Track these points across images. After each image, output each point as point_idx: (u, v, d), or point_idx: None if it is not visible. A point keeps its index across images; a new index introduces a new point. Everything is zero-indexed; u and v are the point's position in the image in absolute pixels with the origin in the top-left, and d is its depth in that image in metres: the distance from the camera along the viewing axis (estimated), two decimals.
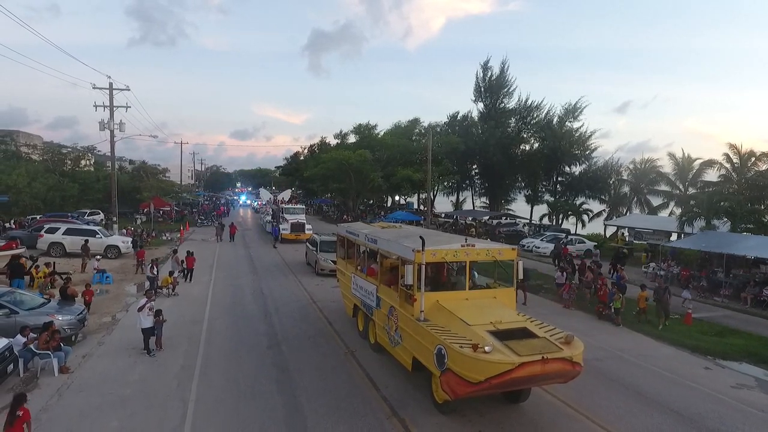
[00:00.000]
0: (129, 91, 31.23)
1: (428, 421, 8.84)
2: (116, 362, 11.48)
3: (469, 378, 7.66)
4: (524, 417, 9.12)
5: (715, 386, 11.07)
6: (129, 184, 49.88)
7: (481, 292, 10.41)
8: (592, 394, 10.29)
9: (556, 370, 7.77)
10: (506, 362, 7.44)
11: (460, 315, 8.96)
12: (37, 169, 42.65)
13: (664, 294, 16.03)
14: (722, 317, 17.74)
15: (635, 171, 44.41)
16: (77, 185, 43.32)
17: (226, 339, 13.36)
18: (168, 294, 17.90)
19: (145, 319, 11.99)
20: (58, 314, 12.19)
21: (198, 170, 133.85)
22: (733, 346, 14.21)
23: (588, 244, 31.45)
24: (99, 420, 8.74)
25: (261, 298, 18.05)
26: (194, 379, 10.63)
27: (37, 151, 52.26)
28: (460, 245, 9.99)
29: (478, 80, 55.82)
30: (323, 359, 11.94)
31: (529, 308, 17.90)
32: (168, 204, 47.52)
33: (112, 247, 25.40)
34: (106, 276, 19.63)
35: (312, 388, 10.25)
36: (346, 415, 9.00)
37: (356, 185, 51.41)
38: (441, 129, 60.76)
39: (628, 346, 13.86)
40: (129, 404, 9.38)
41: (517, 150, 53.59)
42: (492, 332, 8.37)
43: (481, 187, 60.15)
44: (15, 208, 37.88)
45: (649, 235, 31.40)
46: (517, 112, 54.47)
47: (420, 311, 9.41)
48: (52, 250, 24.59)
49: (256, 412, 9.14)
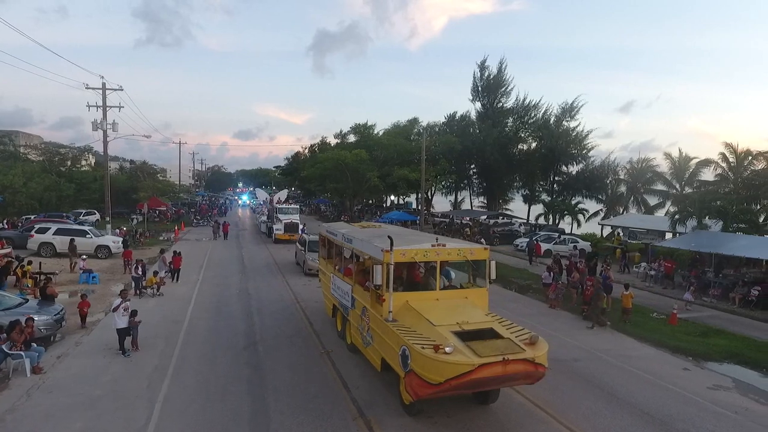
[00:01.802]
0: (122, 91, 31.32)
1: (394, 422, 8.78)
2: (91, 362, 11.45)
3: (429, 379, 7.60)
4: (492, 418, 9.05)
5: (691, 387, 10.97)
6: (126, 184, 49.99)
7: (452, 293, 10.34)
8: (565, 396, 10.21)
9: (519, 371, 7.70)
10: (466, 363, 7.38)
11: (427, 315, 8.89)
12: (34, 169, 42.77)
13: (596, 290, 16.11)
14: (708, 317, 17.60)
15: (632, 170, 44.27)
16: (74, 185, 43.43)
17: (204, 339, 13.33)
18: (153, 294, 17.90)
19: (120, 319, 11.95)
20: (35, 314, 12.16)
21: (199, 170, 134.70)
22: (716, 346, 14.10)
23: (582, 243, 31.27)
24: (64, 421, 8.70)
25: (246, 298, 18.03)
26: (166, 379, 10.59)
27: (35, 152, 52.38)
28: (431, 245, 9.91)
29: (475, 80, 55.69)
30: (298, 359, 11.90)
31: (515, 308, 17.85)
32: (164, 204, 47.58)
33: (102, 247, 25.42)
34: (93, 276, 19.65)
35: (282, 388, 10.20)
36: (311, 416, 8.95)
37: (353, 185, 51.33)
38: (439, 129, 60.71)
39: (610, 347, 13.76)
40: (98, 405, 9.34)
41: (514, 149, 53.46)
42: (457, 333, 8.31)
43: (479, 187, 60.04)
44: (11, 208, 38.00)
45: (643, 234, 31.22)
46: (515, 112, 54.34)
47: (388, 311, 9.35)
48: (42, 250, 24.64)
49: (223, 412, 9.10)
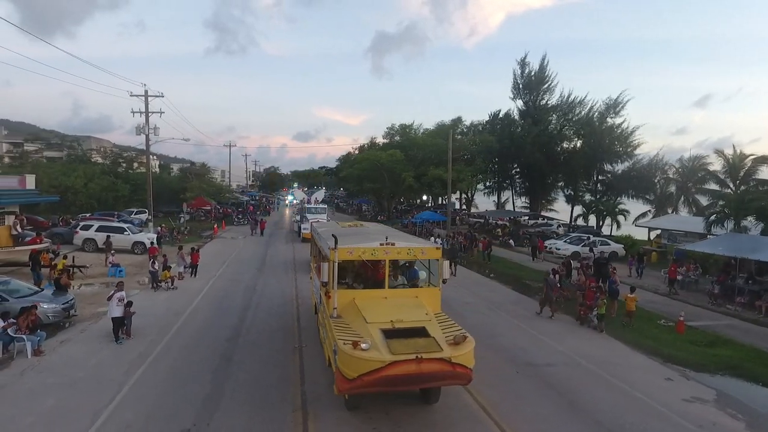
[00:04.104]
0: (163, 97, 33.54)
1: (331, 415, 9.04)
2: (86, 348, 12.54)
3: (346, 374, 7.80)
4: (429, 418, 9.07)
5: (664, 399, 10.38)
6: (177, 185, 53.24)
7: (403, 292, 10.42)
8: (518, 399, 10.03)
9: (434, 370, 7.71)
10: (377, 360, 7.51)
11: (365, 313, 9.07)
12: (94, 171, 46.55)
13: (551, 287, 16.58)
14: (725, 326, 16.37)
15: (682, 169, 41.61)
16: (128, 186, 46.81)
17: (194, 331, 14.16)
18: (167, 288, 19.13)
19: (114, 308, 12.98)
20: (43, 302, 13.47)
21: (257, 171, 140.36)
22: (717, 357, 13.18)
23: (614, 245, 29.83)
24: (41, 398, 9.67)
25: (250, 294, 18.85)
26: (143, 365, 11.42)
27: (99, 155, 56.92)
28: (379, 244, 10.04)
29: (515, 77, 54.30)
30: (271, 353, 12.40)
31: (512, 311, 17.51)
32: (209, 203, 50.19)
33: (138, 243, 27.37)
34: (120, 270, 21.25)
35: (243, 379, 10.73)
36: (256, 406, 9.39)
37: (390, 185, 51.71)
38: (482, 127, 59.77)
39: (597, 353, 13.22)
40: (75, 386, 10.27)
41: (557, 148, 51.69)
42: (385, 330, 8.43)
43: (522, 187, 58.49)
44: (73, 207, 41.61)
45: (682, 237, 29.31)
46: (559, 109, 52.51)
47: (333, 308, 9.61)
48: (85, 245, 26.91)
49: (180, 397, 9.74)
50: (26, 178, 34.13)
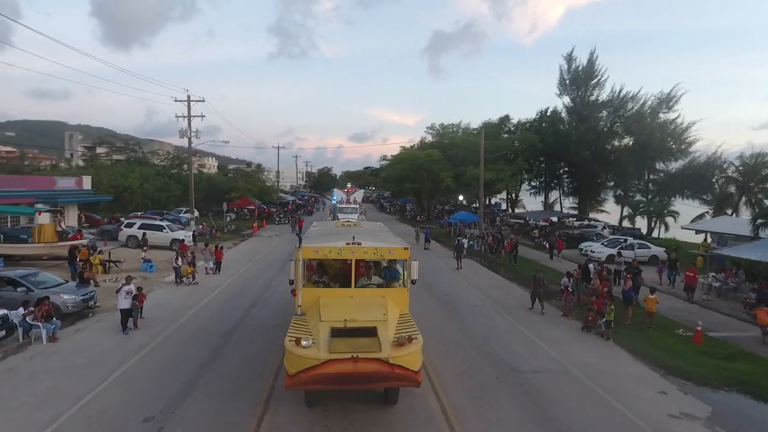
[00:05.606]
0: (204, 102, 35.36)
1: (288, 410, 9.26)
2: (95, 337, 13.55)
3: (287, 370, 7.96)
4: (385, 418, 9.06)
5: (648, 413, 9.73)
6: (226, 185, 55.78)
7: (369, 291, 10.43)
8: (486, 405, 9.78)
9: (371, 370, 7.70)
10: (312, 358, 7.62)
11: (323, 311, 9.20)
12: (149, 172, 49.70)
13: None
14: (751, 338, 14.98)
15: (743, 167, 38.39)
16: (180, 186, 49.60)
17: (197, 325, 14.88)
18: (188, 283, 20.17)
19: (122, 300, 13.92)
20: (63, 293, 14.66)
21: (310, 172, 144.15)
22: (729, 371, 12.15)
23: (654, 249, 28.02)
24: (40, 380, 10.56)
25: (262, 291, 19.49)
26: (138, 355, 12.18)
27: (157, 157, 60.70)
28: (345, 243, 10.13)
29: (562, 73, 52.31)
30: (258, 349, 12.81)
31: (518, 314, 16.98)
32: (253, 203, 52.18)
33: (176, 240, 28.95)
34: (151, 265, 22.65)
35: (222, 371, 11.19)
36: (224, 398, 9.78)
37: (429, 185, 51.43)
38: (530, 126, 58.06)
39: (593, 361, 12.58)
40: (73, 371, 11.14)
41: (607, 146, 49.22)
42: (336, 329, 8.52)
43: (569, 187, 56.23)
44: (129, 206, 44.68)
45: (732, 240, 27.03)
46: (610, 105, 49.96)
47: (297, 306, 9.82)
48: (129, 241, 28.86)
49: (160, 386, 10.31)
50: (83, 179, 37.23)
